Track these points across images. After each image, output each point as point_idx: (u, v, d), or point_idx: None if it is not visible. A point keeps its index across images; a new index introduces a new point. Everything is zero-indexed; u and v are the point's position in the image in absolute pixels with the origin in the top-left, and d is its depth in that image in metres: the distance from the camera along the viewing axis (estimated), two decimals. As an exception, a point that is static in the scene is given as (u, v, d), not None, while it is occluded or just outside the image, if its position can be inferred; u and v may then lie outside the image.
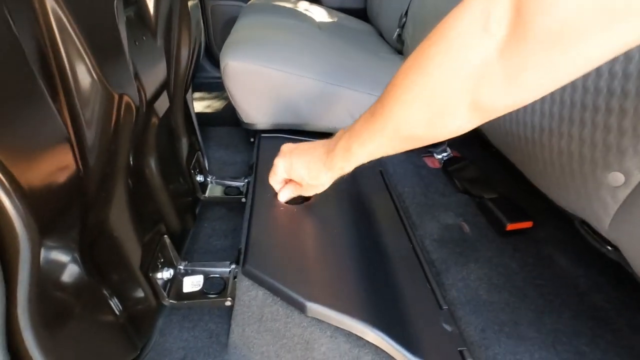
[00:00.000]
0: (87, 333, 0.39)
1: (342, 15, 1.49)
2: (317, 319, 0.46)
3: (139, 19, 0.49)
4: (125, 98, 0.40)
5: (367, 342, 0.45)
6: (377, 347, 0.45)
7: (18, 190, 0.27)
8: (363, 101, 0.82)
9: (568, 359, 0.44)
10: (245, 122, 0.85)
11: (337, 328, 0.45)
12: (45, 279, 0.32)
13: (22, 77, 0.29)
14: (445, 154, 0.91)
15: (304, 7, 1.42)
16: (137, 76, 0.45)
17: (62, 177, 0.33)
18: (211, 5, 1.49)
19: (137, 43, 0.45)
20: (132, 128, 0.44)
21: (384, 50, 1.17)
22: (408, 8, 1.11)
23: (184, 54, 0.66)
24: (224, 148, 1.08)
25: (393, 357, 0.44)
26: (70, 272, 0.36)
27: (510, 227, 0.63)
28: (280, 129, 0.87)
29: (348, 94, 0.82)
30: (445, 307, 0.51)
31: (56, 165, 0.33)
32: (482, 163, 0.85)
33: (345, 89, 0.82)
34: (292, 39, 0.94)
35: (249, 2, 1.39)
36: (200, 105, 1.37)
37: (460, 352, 0.45)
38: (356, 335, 0.45)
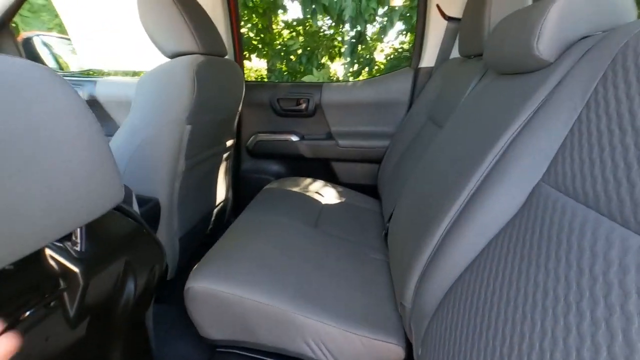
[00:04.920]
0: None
1: (353, 193, 1.57)
2: None
3: None
4: None
5: None
6: None
7: None
8: (321, 330, 0.78)
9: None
10: (202, 335, 0.87)
11: None
12: None
13: None
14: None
15: (316, 188, 1.50)
16: None
17: None
18: (243, 176, 1.79)
19: None
20: None
21: (371, 252, 1.13)
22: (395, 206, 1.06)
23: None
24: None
25: None
26: None
27: None
28: (235, 345, 0.87)
29: (307, 322, 0.79)
30: None
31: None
32: None
33: (305, 317, 0.79)
34: (266, 258, 0.92)
35: (266, 186, 1.50)
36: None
37: None
38: None
